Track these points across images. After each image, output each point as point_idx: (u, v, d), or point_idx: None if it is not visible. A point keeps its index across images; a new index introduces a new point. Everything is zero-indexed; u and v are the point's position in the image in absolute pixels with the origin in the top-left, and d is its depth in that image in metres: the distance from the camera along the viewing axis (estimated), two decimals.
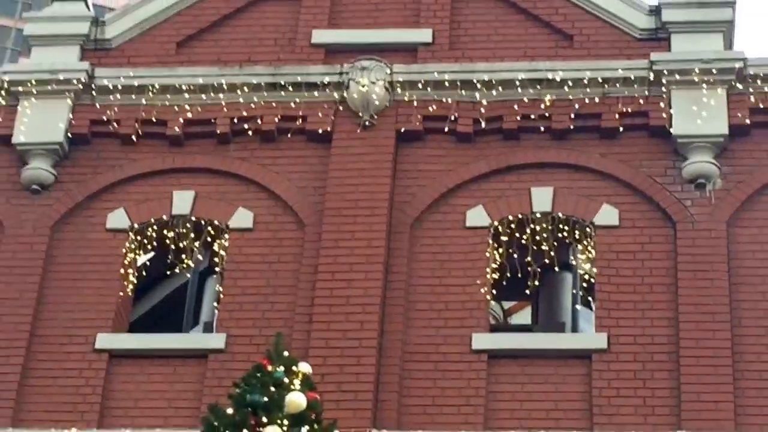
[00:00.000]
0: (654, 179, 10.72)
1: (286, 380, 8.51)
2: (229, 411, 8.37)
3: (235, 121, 11.21)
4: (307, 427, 8.41)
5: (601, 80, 10.96)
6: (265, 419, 8.29)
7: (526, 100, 11.13)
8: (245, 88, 11.33)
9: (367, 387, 9.85)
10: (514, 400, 10.00)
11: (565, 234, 10.92)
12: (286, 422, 8.31)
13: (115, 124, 11.28)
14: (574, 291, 12.09)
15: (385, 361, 10.10)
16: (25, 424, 10.31)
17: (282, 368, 8.52)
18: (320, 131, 11.05)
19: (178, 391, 10.27)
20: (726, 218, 10.37)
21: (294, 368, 8.66)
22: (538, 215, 10.70)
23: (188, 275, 12.65)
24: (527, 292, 11.55)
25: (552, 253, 10.86)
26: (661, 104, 10.93)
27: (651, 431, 9.59)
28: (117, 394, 10.38)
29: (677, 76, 10.68)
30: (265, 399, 8.38)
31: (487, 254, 10.64)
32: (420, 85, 11.24)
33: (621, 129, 10.86)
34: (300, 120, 11.21)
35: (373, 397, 9.83)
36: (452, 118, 11.12)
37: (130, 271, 10.99)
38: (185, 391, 10.25)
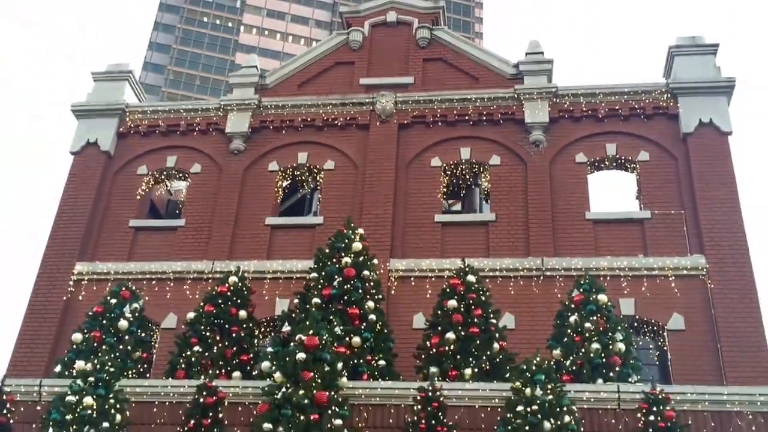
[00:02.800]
0: (517, 143, 17.26)
1: (351, 235, 14.40)
2: (326, 250, 14.42)
3: (327, 119, 17.98)
4: (362, 257, 14.11)
5: (492, 98, 17.56)
6: (343, 253, 14.16)
7: (455, 105, 17.59)
8: (331, 104, 18.32)
9: (387, 238, 16.37)
10: (455, 243, 16.38)
11: (476, 171, 17.58)
12: (352, 255, 14.00)
13: (275, 122, 18.18)
14: (481, 197, 18.76)
15: (394, 227, 16.58)
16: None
17: (350, 231, 14.53)
18: (364, 124, 17.94)
19: (304, 242, 16.79)
20: (548, 160, 16.95)
21: (356, 231, 14.55)
22: (464, 161, 17.37)
23: (308, 190, 19.34)
24: (461, 195, 19.25)
25: (470, 179, 17.95)
26: (523, 109, 17.38)
27: (521, 255, 15.71)
28: (273, 245, 16.94)
29: (527, 96, 17.36)
30: (343, 244, 14.23)
31: (441, 179, 17.31)
32: (408, 102, 17.93)
33: (501, 121, 17.38)
34: (356, 119, 18.02)
35: (390, 243, 16.36)
36: (427, 117, 17.74)
37: (279, 191, 17.96)
38: (306, 242, 16.74)
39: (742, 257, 15.14)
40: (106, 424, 11.26)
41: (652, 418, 10.98)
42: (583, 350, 12.50)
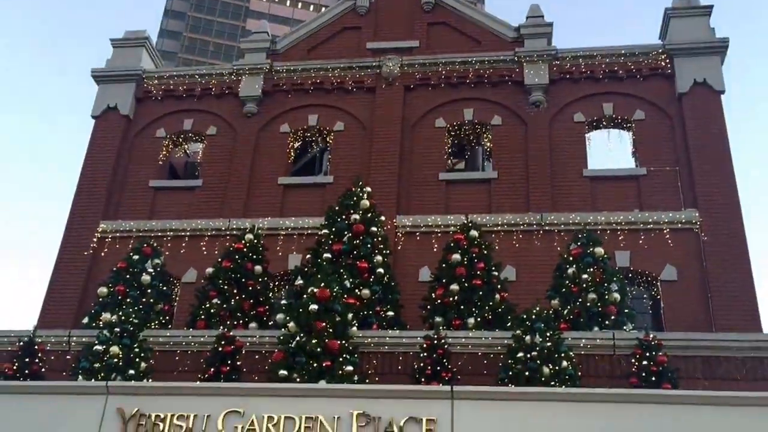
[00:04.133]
0: (518, 104, 17.23)
1: (360, 193, 14.44)
2: (336, 207, 14.52)
3: (335, 82, 17.99)
4: (370, 214, 14.20)
5: (494, 61, 17.55)
6: (352, 210, 14.28)
7: (459, 68, 17.63)
8: (340, 67, 18.24)
9: (393, 196, 16.44)
10: (459, 200, 16.42)
11: (478, 131, 17.64)
12: (361, 212, 14.07)
13: (286, 86, 18.14)
14: (483, 156, 18.69)
15: (401, 185, 16.71)
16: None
17: (359, 189, 14.58)
18: (371, 87, 17.95)
19: (315, 200, 16.90)
20: (548, 120, 16.98)
21: (364, 189, 14.55)
22: (467, 122, 17.44)
23: (318, 151, 19.37)
24: (464, 154, 19.00)
25: (472, 138, 18.03)
26: (522, 70, 17.35)
27: (521, 211, 15.77)
28: (286, 204, 17.11)
29: (527, 58, 17.33)
30: (352, 201, 14.34)
31: (445, 140, 17.46)
32: (413, 65, 17.90)
33: (502, 82, 17.37)
34: (363, 82, 18.01)
35: (396, 200, 16.48)
36: (431, 80, 17.68)
37: (291, 152, 18.12)
38: (317, 200, 16.83)
39: (734, 211, 15.18)
40: (131, 372, 11.46)
41: (645, 363, 11.13)
42: (580, 300, 12.63)
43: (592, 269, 12.84)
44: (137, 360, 11.67)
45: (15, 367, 12.00)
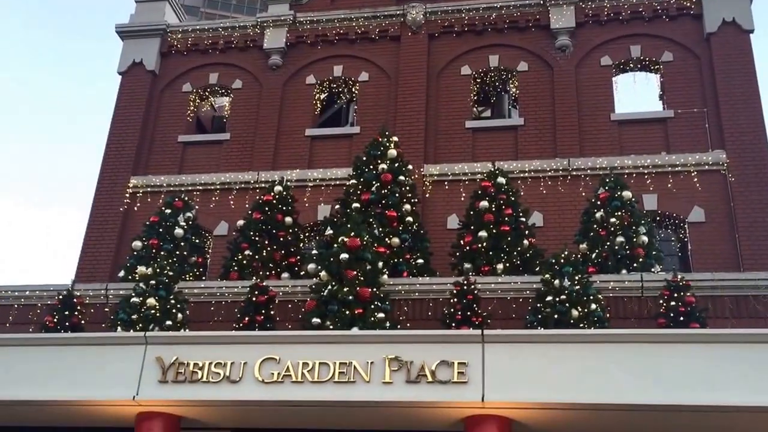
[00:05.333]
0: (544, 49, 16.98)
1: (387, 143, 14.36)
2: (363, 157, 14.47)
3: (360, 32, 17.83)
4: (397, 163, 14.13)
5: (518, 5, 17.21)
6: (379, 160, 14.21)
7: (483, 14, 17.32)
8: (364, 16, 18.03)
9: (420, 145, 16.39)
10: (486, 148, 16.38)
11: (504, 77, 17.43)
12: (388, 161, 14.06)
13: (310, 37, 17.99)
14: (509, 103, 18.60)
15: (427, 134, 16.58)
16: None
17: (386, 139, 14.47)
18: (395, 35, 17.76)
19: (342, 151, 16.85)
20: (574, 64, 16.77)
21: (391, 139, 14.49)
22: (493, 69, 17.16)
23: (344, 102, 19.23)
24: (490, 101, 19.02)
25: (498, 85, 17.77)
26: (547, 14, 16.98)
27: (548, 157, 15.76)
28: (314, 155, 17.11)
29: (552, 2, 16.94)
30: (379, 151, 14.31)
31: (471, 87, 17.26)
32: (437, 13, 17.68)
33: (528, 27, 17.03)
34: (387, 31, 17.82)
35: (423, 149, 16.38)
36: (456, 27, 17.47)
37: (317, 103, 17.94)
38: (344, 151, 16.78)
39: (761, 151, 15.04)
40: (168, 322, 11.71)
41: (673, 303, 11.15)
42: (608, 243, 12.64)
43: (619, 213, 12.81)
44: (173, 311, 11.91)
45: (56, 320, 12.29)
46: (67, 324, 12.32)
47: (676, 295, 11.19)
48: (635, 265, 12.35)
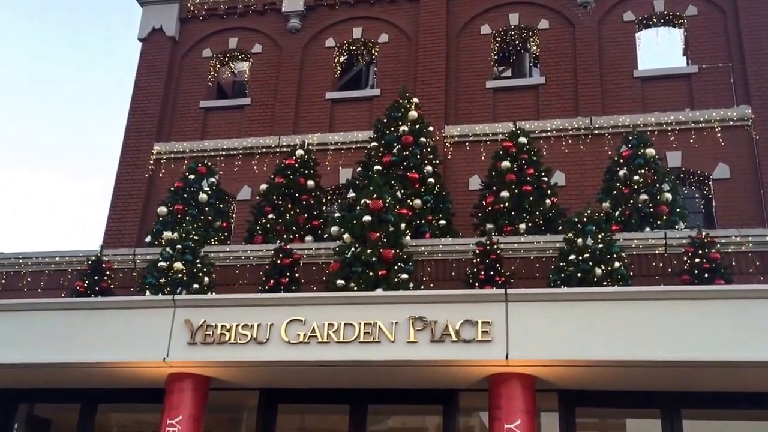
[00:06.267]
0: (565, 6, 16.81)
1: (407, 105, 14.15)
2: (384, 120, 14.50)
3: None
4: (418, 125, 14.00)
5: None
6: (400, 122, 14.03)
7: None
8: None
9: (441, 106, 16.35)
10: (507, 108, 16.34)
11: (524, 36, 17.30)
12: (409, 123, 13.92)
13: None
14: (530, 61, 18.52)
15: (448, 95, 16.47)
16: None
17: (406, 101, 14.27)
18: None
19: (363, 114, 16.91)
20: (596, 20, 16.56)
21: (411, 101, 14.27)
22: (513, 27, 17.02)
23: (363, 65, 19.26)
24: (511, 60, 19.05)
25: (519, 44, 17.73)
26: None
27: (570, 115, 15.65)
28: (334, 119, 17.14)
29: None
30: (399, 113, 14.19)
31: (491, 46, 17.17)
32: None
33: None
34: None
35: (444, 110, 16.38)
36: None
37: (337, 66, 18.00)
38: (365, 114, 16.81)
39: None
40: (195, 286, 11.86)
41: (697, 260, 11.10)
42: (631, 202, 12.57)
43: (643, 170, 12.72)
44: (200, 275, 12.05)
45: (86, 285, 12.49)
46: (96, 289, 12.51)
47: (700, 251, 11.12)
48: (659, 222, 12.28)
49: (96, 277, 12.61)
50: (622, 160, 13.07)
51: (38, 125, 49.86)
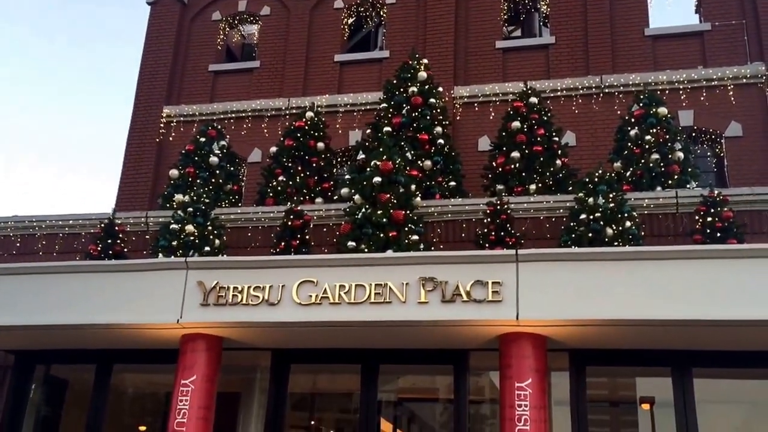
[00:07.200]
0: None
1: (417, 66, 13.94)
2: (393, 81, 14.29)
3: None
4: (428, 86, 13.77)
5: None
6: (410, 83, 13.84)
7: None
8: None
9: (450, 67, 16.16)
10: (517, 68, 16.09)
11: None
12: (418, 84, 13.73)
13: None
14: (540, 21, 18.30)
15: (457, 56, 16.42)
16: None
17: (415, 62, 14.06)
18: None
19: (372, 76, 16.78)
20: None
21: (420, 62, 14.11)
22: None
23: (371, 27, 19.26)
24: (520, 20, 18.77)
25: (529, 3, 17.46)
26: None
27: (581, 75, 15.59)
28: (344, 81, 17.01)
29: None
30: (409, 74, 13.99)
31: (501, 6, 16.74)
32: None
33: None
34: None
35: (453, 71, 16.18)
36: None
37: (346, 28, 17.85)
38: (374, 76, 16.73)
39: None
40: (207, 248, 11.83)
41: (710, 219, 10.95)
42: (643, 161, 12.40)
43: (654, 129, 12.54)
44: (211, 237, 12.02)
45: (99, 248, 12.48)
46: (110, 252, 12.50)
47: (712, 210, 10.96)
48: (670, 182, 12.12)
49: (109, 241, 12.60)
50: (633, 120, 12.88)
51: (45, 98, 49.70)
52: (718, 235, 10.71)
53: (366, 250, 11.00)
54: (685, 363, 9.79)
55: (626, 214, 10.78)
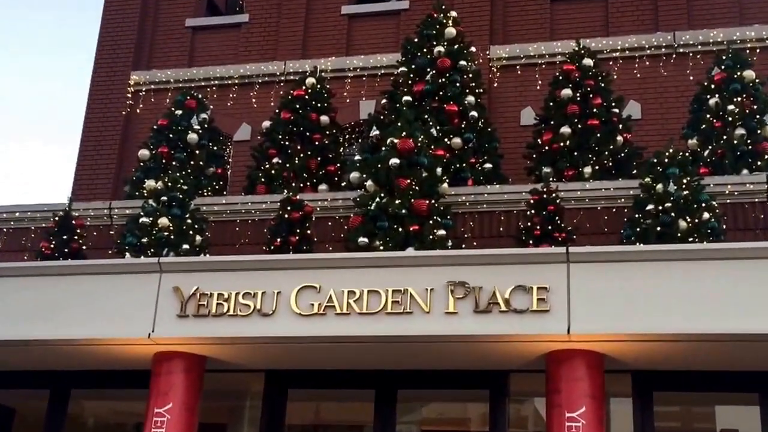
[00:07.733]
0: None
1: (443, 20, 14.11)
2: (415, 39, 14.34)
3: None
4: (457, 45, 14.00)
5: None
6: (435, 42, 13.95)
7: None
8: None
9: (486, 21, 16.19)
10: (568, 22, 16.16)
11: None
12: (445, 43, 13.79)
13: None
14: None
15: (494, 8, 16.50)
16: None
17: (442, 15, 14.12)
18: None
19: (388, 32, 16.79)
20: None
21: (448, 15, 14.17)
22: None
23: None
24: None
25: None
26: None
27: (648, 31, 15.75)
28: (353, 39, 17.09)
29: None
30: (434, 31, 13.98)
31: None
32: None
33: None
34: None
35: (489, 27, 16.27)
36: None
37: None
38: (391, 32, 16.66)
39: None
40: (185, 246, 11.93)
41: None
42: (725, 138, 12.40)
43: (739, 98, 12.54)
44: (191, 232, 12.10)
45: (52, 246, 12.60)
46: (66, 250, 12.61)
47: None
48: (759, 163, 12.12)
49: (65, 237, 12.71)
50: (713, 86, 12.90)
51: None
52: None
53: (381, 248, 11.07)
54: None
55: (704, 204, 10.79)
